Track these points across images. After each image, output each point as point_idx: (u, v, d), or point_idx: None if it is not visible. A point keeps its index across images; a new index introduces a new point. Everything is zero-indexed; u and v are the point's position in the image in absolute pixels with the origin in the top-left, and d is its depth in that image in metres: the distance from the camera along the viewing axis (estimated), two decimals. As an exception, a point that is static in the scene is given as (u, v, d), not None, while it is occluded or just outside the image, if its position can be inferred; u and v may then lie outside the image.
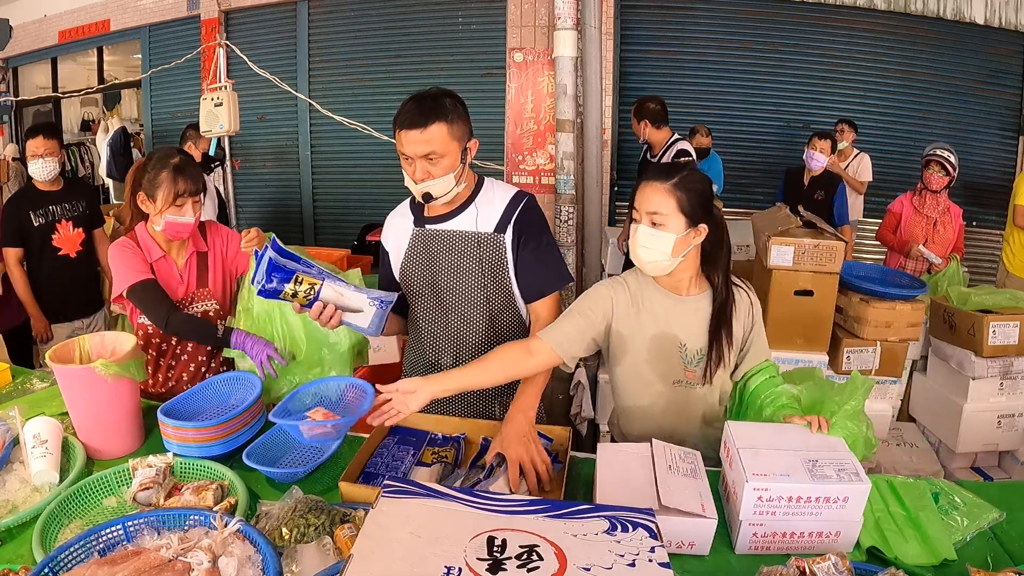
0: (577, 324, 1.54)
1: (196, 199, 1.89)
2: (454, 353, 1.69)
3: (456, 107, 1.52)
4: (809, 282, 2.68)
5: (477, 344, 1.68)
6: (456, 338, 1.68)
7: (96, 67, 7.72)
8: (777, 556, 1.23)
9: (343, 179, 6.50)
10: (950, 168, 3.55)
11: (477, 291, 1.64)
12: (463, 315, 1.66)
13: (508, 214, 1.62)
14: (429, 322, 1.70)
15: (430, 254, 1.64)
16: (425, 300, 1.69)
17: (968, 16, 5.38)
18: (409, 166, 1.53)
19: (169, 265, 1.96)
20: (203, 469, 1.46)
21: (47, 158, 2.98)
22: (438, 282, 1.65)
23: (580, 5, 4.17)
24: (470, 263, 1.62)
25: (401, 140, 1.51)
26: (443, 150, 1.50)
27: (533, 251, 1.62)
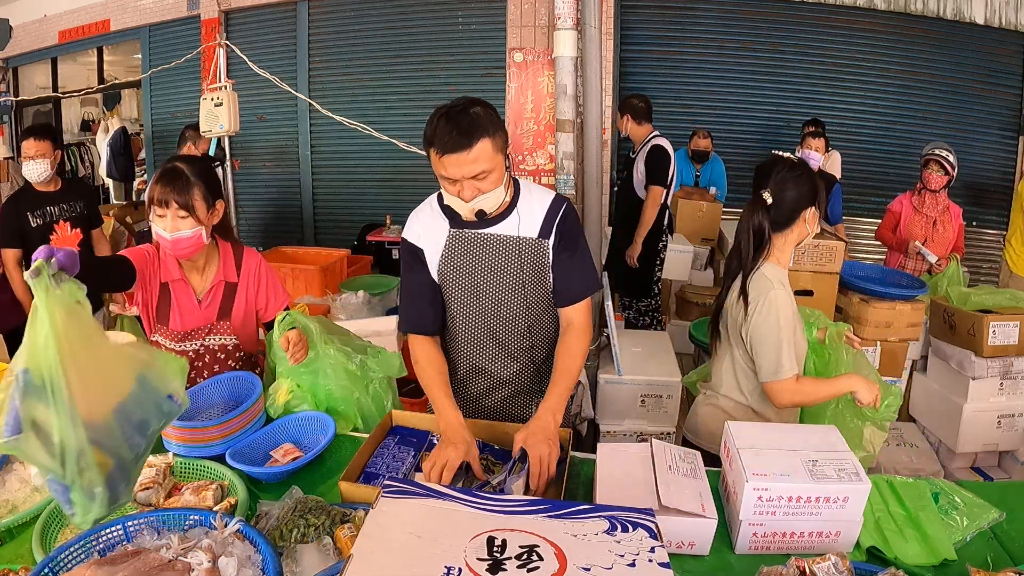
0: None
1: (179, 212, 1.67)
2: (492, 356, 1.68)
3: (491, 116, 1.47)
4: (809, 282, 2.68)
5: (515, 347, 1.68)
6: (495, 341, 1.68)
7: (96, 67, 7.71)
8: (777, 556, 1.23)
9: (343, 179, 6.50)
10: (949, 167, 3.55)
11: (518, 295, 1.63)
12: (503, 318, 1.65)
13: (550, 219, 1.61)
14: (468, 324, 1.67)
15: (471, 257, 1.61)
16: (464, 302, 1.65)
17: (968, 16, 5.37)
18: (453, 186, 1.47)
19: (186, 289, 1.83)
20: (203, 469, 1.46)
21: (38, 159, 2.97)
22: (478, 285, 1.62)
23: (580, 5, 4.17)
24: (513, 268, 1.60)
25: (443, 164, 1.43)
26: (490, 165, 1.45)
27: (570, 257, 1.62)
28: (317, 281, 4.25)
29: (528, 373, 1.72)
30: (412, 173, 6.13)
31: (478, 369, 1.71)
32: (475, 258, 1.61)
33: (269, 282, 1.91)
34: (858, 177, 5.61)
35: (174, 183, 1.67)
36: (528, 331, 1.67)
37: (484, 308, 1.65)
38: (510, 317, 1.65)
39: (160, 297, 1.82)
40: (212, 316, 1.84)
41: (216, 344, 1.86)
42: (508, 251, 1.60)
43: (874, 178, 5.72)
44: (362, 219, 6.19)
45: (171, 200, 1.66)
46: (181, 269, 1.82)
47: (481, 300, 1.64)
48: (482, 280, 1.62)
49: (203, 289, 1.84)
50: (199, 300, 1.84)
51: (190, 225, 1.69)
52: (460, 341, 1.71)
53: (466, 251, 1.61)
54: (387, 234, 5.79)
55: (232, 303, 1.86)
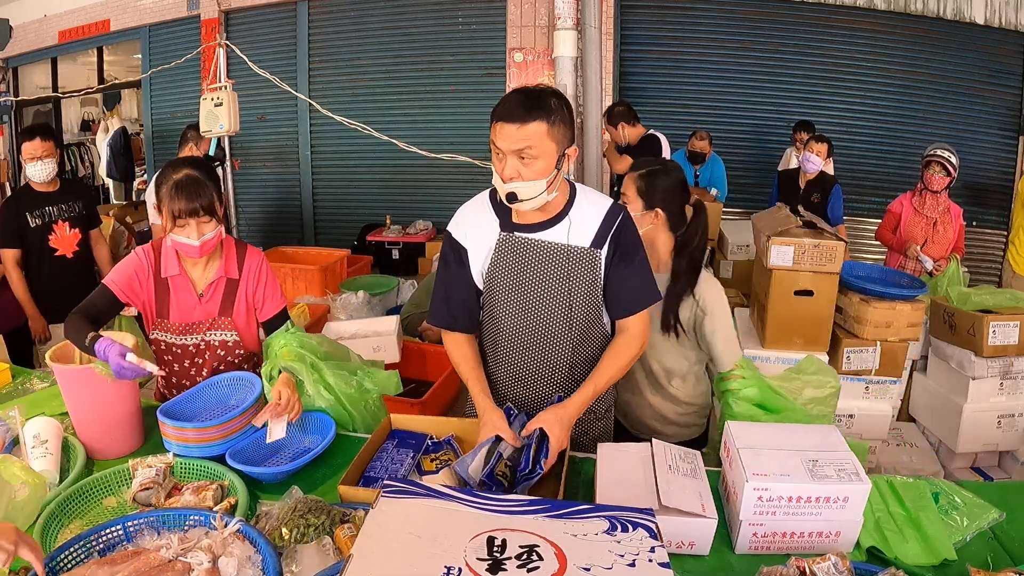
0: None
1: (203, 219, 1.70)
2: (535, 363, 1.64)
3: (561, 108, 1.44)
4: (809, 282, 2.68)
5: (558, 356, 1.63)
6: (539, 348, 1.63)
7: (96, 67, 7.72)
8: (777, 556, 1.23)
9: (343, 179, 6.50)
10: (951, 168, 3.54)
11: (565, 304, 1.58)
12: (549, 327, 1.60)
13: (605, 229, 1.55)
14: (512, 328, 1.63)
15: (520, 263, 1.57)
16: (509, 309, 1.61)
17: (968, 16, 5.37)
18: (499, 162, 1.44)
19: (185, 284, 1.83)
20: (203, 469, 1.46)
21: (46, 160, 2.97)
22: (526, 291, 1.58)
23: (580, 5, 4.17)
24: (561, 276, 1.56)
25: (496, 132, 1.43)
26: (539, 150, 1.41)
27: (627, 267, 1.57)
28: (317, 281, 4.25)
29: (564, 389, 1.64)
30: (412, 173, 6.13)
31: (515, 378, 1.67)
32: (524, 265, 1.56)
33: (268, 281, 1.91)
34: (858, 177, 5.61)
35: (196, 192, 1.68)
36: (571, 346, 1.62)
37: (528, 317, 1.60)
38: (554, 329, 1.60)
39: (158, 293, 1.82)
40: (213, 312, 1.85)
41: (217, 340, 1.86)
42: (557, 259, 1.55)
43: (874, 178, 5.72)
44: (362, 219, 6.19)
45: (198, 208, 1.68)
46: (181, 264, 1.82)
47: (526, 309, 1.59)
48: (530, 287, 1.57)
49: (204, 284, 1.85)
50: (200, 295, 1.84)
51: (213, 227, 1.73)
52: (501, 347, 1.66)
53: (516, 257, 1.56)
54: (387, 234, 5.79)
55: (233, 300, 1.86)
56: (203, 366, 1.87)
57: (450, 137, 5.87)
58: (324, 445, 1.56)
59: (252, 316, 1.91)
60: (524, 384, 1.68)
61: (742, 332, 3.01)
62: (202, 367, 1.87)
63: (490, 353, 1.70)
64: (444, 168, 5.67)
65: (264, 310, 1.90)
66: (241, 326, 1.88)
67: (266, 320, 1.90)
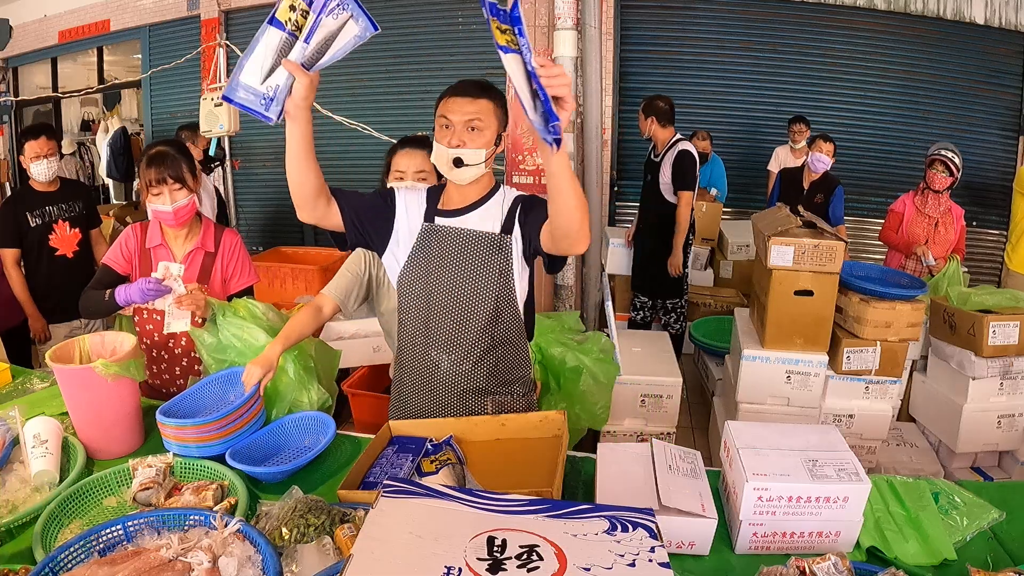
0: None
1: (174, 186, 1.92)
2: (449, 352, 1.66)
3: (503, 97, 1.62)
4: (809, 282, 2.68)
5: (473, 345, 1.64)
6: (453, 337, 1.65)
7: (96, 67, 7.71)
8: (777, 556, 1.23)
9: (343, 179, 6.48)
10: (954, 168, 3.55)
11: (478, 291, 1.61)
12: (463, 314, 1.63)
13: (512, 213, 1.62)
14: (428, 318, 1.66)
15: (438, 250, 1.62)
16: (426, 296, 1.64)
17: (968, 16, 5.37)
18: (445, 134, 1.55)
19: (166, 254, 2.02)
20: (203, 469, 1.46)
21: (50, 159, 2.98)
22: (442, 279, 1.62)
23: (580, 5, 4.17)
24: (475, 263, 1.61)
25: (448, 106, 1.55)
26: (486, 123, 1.55)
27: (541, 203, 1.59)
28: (317, 281, 4.25)
29: (483, 372, 1.68)
30: (412, 173, 6.12)
31: (435, 364, 1.68)
32: (441, 252, 1.62)
33: (241, 257, 2.12)
34: (858, 177, 5.61)
35: (164, 162, 1.92)
36: (488, 329, 1.64)
37: (444, 302, 1.63)
38: (470, 313, 1.63)
39: (142, 263, 2.02)
40: (191, 280, 2.01)
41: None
42: (472, 245, 1.61)
43: (874, 178, 5.72)
44: (362, 219, 6.19)
45: (166, 177, 1.91)
46: (163, 236, 2.02)
47: (442, 295, 1.63)
48: (446, 275, 1.62)
49: (182, 254, 2.04)
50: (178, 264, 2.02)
51: (185, 194, 1.95)
52: (418, 335, 1.68)
53: (435, 244, 1.62)
54: (387, 234, 5.78)
55: (210, 272, 2.05)
56: (181, 335, 2.02)
57: (450, 137, 5.87)
58: (324, 445, 1.56)
59: (226, 290, 2.08)
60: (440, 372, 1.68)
61: (742, 332, 3.02)
62: (180, 337, 2.03)
63: (407, 345, 1.71)
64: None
65: (233, 282, 2.08)
66: (216, 297, 2.00)
67: (234, 293, 2.07)
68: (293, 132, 1.40)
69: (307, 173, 1.47)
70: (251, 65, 1.28)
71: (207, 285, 2.03)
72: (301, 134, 1.40)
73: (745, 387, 2.86)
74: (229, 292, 2.08)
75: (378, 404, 3.19)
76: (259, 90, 1.30)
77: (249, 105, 1.31)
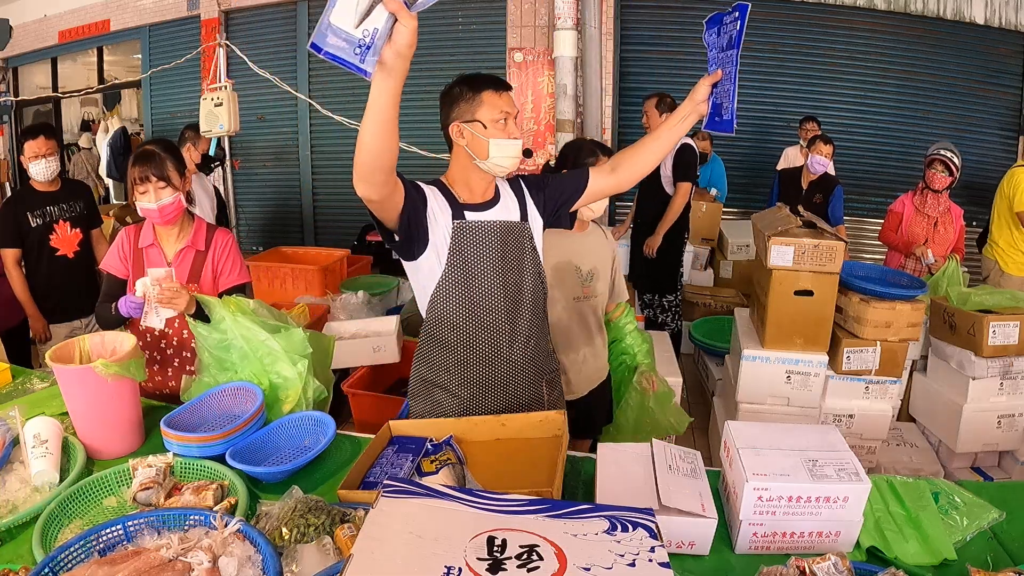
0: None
1: (159, 184, 1.92)
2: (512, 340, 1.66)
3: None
4: (809, 282, 2.68)
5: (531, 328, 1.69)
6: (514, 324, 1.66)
7: (96, 67, 7.72)
8: (777, 556, 1.23)
9: (343, 179, 6.49)
10: (954, 168, 3.55)
11: (527, 279, 1.67)
12: (519, 304, 1.67)
13: (523, 200, 1.69)
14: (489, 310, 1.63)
15: (476, 247, 1.61)
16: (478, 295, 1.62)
17: (968, 16, 5.38)
18: (505, 127, 1.56)
19: (158, 253, 2.03)
20: (203, 469, 1.46)
21: (50, 158, 2.98)
22: (491, 275, 1.62)
23: (580, 5, 4.18)
24: (516, 252, 1.65)
25: (500, 100, 1.57)
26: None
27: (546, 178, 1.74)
28: (317, 281, 4.25)
29: (542, 355, 1.75)
30: (412, 173, 6.06)
31: (500, 356, 1.67)
32: (484, 246, 1.61)
33: (232, 255, 2.09)
34: (858, 177, 5.62)
35: (150, 161, 1.92)
36: (539, 314, 1.71)
37: (499, 294, 1.63)
38: (524, 300, 1.67)
39: (135, 263, 2.02)
40: (182, 279, 2.00)
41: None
42: (508, 236, 1.63)
43: (874, 178, 5.72)
44: (362, 219, 6.19)
45: (150, 175, 1.91)
46: (155, 235, 2.02)
47: (497, 287, 1.63)
48: (495, 268, 1.62)
49: (173, 253, 2.03)
50: (169, 263, 2.01)
51: (170, 193, 1.94)
52: (480, 329, 1.65)
53: (475, 240, 1.61)
54: (387, 234, 5.78)
55: (201, 270, 2.04)
56: (172, 335, 2.03)
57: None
58: (324, 445, 1.56)
59: (217, 288, 2.06)
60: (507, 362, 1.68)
61: (742, 332, 3.02)
62: (172, 337, 2.03)
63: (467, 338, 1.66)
64: (444, 168, 5.66)
65: (223, 280, 2.07)
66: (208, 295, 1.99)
67: (224, 291, 2.04)
68: (386, 89, 1.17)
69: (392, 139, 1.25)
70: (342, 4, 1.03)
71: (197, 284, 2.02)
72: (395, 92, 1.18)
73: (745, 387, 2.86)
74: (219, 290, 2.07)
75: (378, 404, 3.19)
76: (353, 35, 1.05)
77: (340, 55, 1.05)
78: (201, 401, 1.70)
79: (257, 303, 1.85)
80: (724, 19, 1.57)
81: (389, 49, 1.08)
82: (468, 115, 1.57)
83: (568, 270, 2.08)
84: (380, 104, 1.18)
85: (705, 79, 1.67)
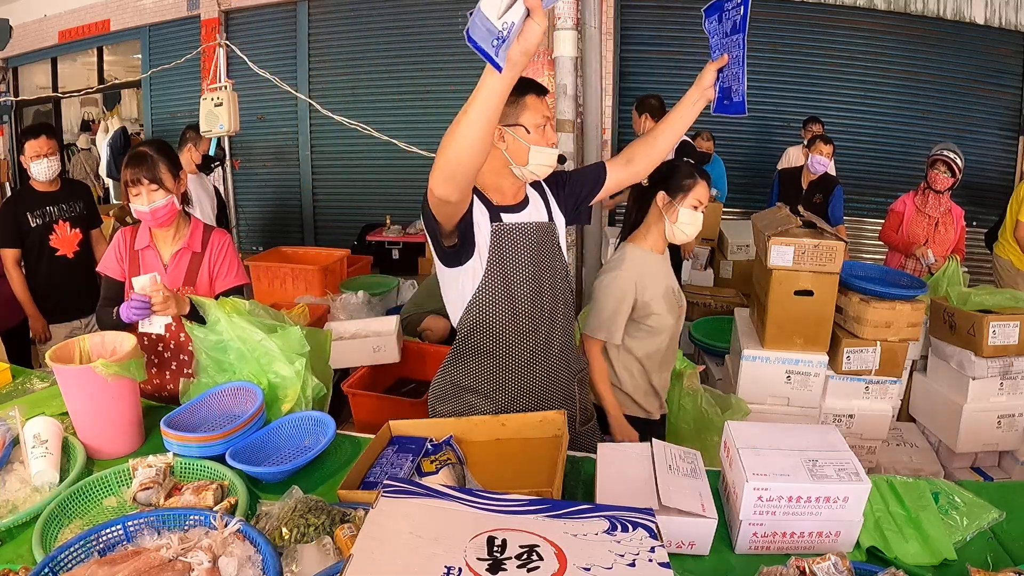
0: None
1: (151, 187, 1.91)
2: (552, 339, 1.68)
3: None
4: (809, 282, 2.68)
5: (570, 328, 1.72)
6: (561, 327, 1.69)
7: (96, 67, 7.72)
8: (777, 556, 1.23)
9: (343, 179, 6.50)
10: (956, 169, 3.55)
11: (563, 278, 1.69)
12: (561, 304, 1.68)
13: (546, 201, 1.69)
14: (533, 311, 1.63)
15: (516, 249, 1.60)
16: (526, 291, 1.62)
17: (968, 16, 5.38)
18: (543, 133, 1.55)
19: (154, 255, 2.02)
20: (203, 469, 1.46)
21: (51, 158, 2.98)
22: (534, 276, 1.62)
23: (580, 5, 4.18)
24: (551, 253, 1.66)
25: (543, 104, 1.55)
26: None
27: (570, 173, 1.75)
28: (317, 281, 4.25)
29: (572, 353, 1.77)
30: (412, 173, 6.13)
31: (537, 358, 1.67)
32: (525, 248, 1.61)
33: (229, 257, 2.06)
34: (858, 177, 5.62)
35: (142, 164, 1.91)
36: (570, 313, 1.73)
37: (542, 295, 1.64)
38: (564, 300, 1.69)
39: (131, 265, 2.02)
40: (178, 281, 1.99)
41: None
42: (542, 237, 1.64)
43: (874, 178, 5.72)
44: (362, 219, 6.19)
45: (142, 178, 1.90)
46: (151, 237, 2.02)
47: (539, 289, 1.63)
48: (533, 269, 1.62)
49: (168, 255, 2.02)
50: (165, 265, 2.01)
51: (162, 195, 1.93)
52: (520, 332, 1.64)
53: (515, 242, 1.60)
54: (387, 234, 5.79)
55: (197, 272, 2.02)
56: (170, 339, 2.01)
57: (450, 137, 5.87)
58: (324, 445, 1.56)
59: (213, 291, 2.04)
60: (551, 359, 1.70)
61: (742, 332, 3.02)
62: (170, 340, 2.01)
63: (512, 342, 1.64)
64: (444, 168, 5.66)
65: (220, 282, 2.04)
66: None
67: (221, 293, 2.01)
68: (502, 87, 1.11)
69: (490, 139, 1.20)
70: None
71: (192, 287, 2.01)
72: (507, 91, 1.13)
73: (745, 387, 2.86)
74: (216, 292, 2.04)
75: (378, 404, 3.19)
76: (495, 26, 1.03)
77: (482, 45, 1.04)
78: (201, 401, 1.70)
79: (253, 304, 1.83)
80: (725, 5, 1.56)
81: (518, 46, 1.06)
82: (511, 119, 1.52)
83: (671, 293, 2.14)
84: (493, 101, 1.12)
85: (711, 64, 1.66)
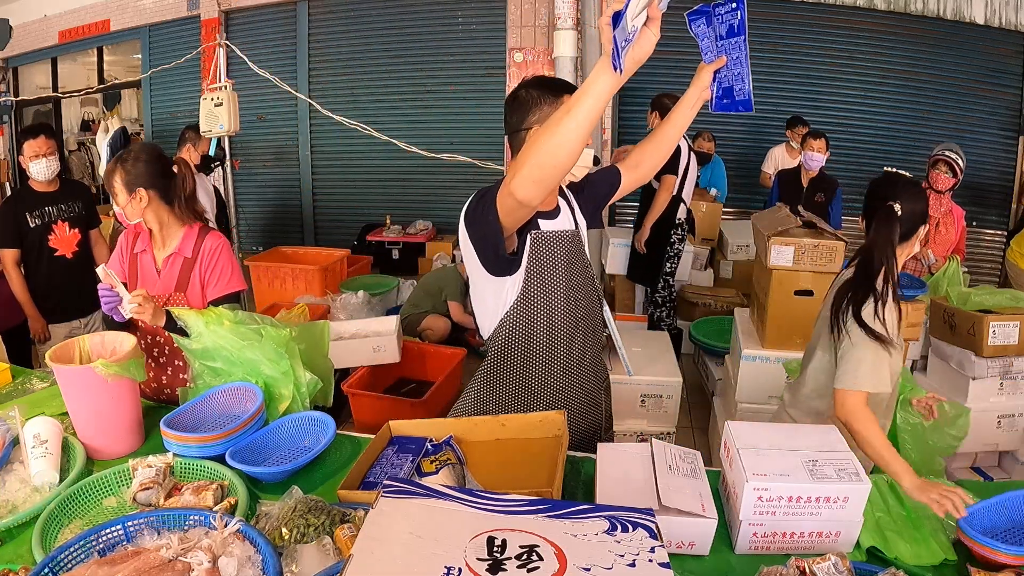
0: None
1: (113, 192, 1.89)
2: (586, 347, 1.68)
3: None
4: (809, 282, 2.68)
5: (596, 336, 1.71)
6: (595, 335, 1.70)
7: (96, 67, 7.72)
8: (777, 556, 1.23)
9: (343, 179, 6.50)
10: (958, 170, 3.55)
11: (594, 286, 1.68)
12: (594, 312, 1.68)
13: (571, 207, 1.67)
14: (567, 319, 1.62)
15: (552, 256, 1.57)
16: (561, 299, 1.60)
17: (968, 16, 5.37)
18: None
19: (149, 260, 2.00)
20: (203, 469, 1.46)
21: (50, 157, 2.98)
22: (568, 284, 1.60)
23: (580, 5, 4.18)
24: (583, 260, 1.65)
25: None
26: None
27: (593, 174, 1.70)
28: (317, 281, 4.26)
29: (599, 362, 1.76)
30: (412, 173, 6.13)
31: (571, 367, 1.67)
32: (561, 255, 1.58)
33: (221, 262, 1.97)
34: (858, 177, 5.61)
35: (113, 168, 1.91)
36: (599, 321, 1.72)
37: (577, 304, 1.62)
38: (596, 309, 1.69)
39: (130, 268, 2.01)
40: (170, 287, 1.96)
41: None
42: (573, 244, 1.62)
43: (874, 178, 5.72)
44: (362, 219, 6.19)
45: (111, 182, 1.91)
46: (149, 240, 2.00)
47: (572, 297, 1.61)
48: (566, 277, 1.60)
49: (161, 259, 1.99)
50: (158, 270, 1.98)
51: (121, 203, 1.91)
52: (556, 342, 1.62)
53: (550, 249, 1.57)
54: (387, 234, 5.79)
55: (189, 278, 1.96)
56: (164, 344, 1.98)
57: (450, 137, 5.88)
58: (324, 445, 1.56)
59: (205, 298, 1.98)
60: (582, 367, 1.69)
61: (742, 332, 3.02)
62: (164, 344, 1.98)
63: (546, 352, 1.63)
64: (444, 168, 5.67)
65: (211, 289, 1.96)
66: (195, 305, 1.94)
67: (213, 300, 1.94)
68: (611, 87, 1.11)
69: (586, 141, 1.20)
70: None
71: (183, 294, 1.95)
72: (612, 94, 1.13)
73: (745, 387, 2.87)
74: (207, 299, 1.96)
75: (378, 404, 3.19)
76: (627, 27, 1.03)
77: (617, 43, 1.04)
78: (201, 401, 1.70)
79: (234, 312, 1.78)
80: (716, 10, 1.52)
81: (633, 55, 1.07)
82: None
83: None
84: (598, 107, 1.13)
85: (705, 66, 1.63)
